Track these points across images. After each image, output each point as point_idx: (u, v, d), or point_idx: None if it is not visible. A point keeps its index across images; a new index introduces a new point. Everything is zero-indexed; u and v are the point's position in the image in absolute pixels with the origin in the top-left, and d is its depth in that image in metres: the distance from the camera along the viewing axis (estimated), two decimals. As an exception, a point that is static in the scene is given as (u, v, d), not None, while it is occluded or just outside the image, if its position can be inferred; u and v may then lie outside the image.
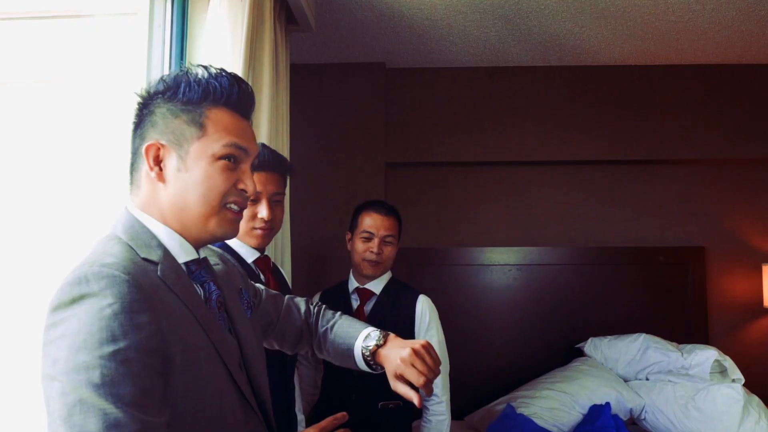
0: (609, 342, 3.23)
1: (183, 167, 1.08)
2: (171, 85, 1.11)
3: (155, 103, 1.11)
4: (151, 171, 1.08)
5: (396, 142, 3.61)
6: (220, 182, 1.10)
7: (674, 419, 2.75)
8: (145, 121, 1.11)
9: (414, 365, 1.26)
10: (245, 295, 1.30)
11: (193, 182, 1.08)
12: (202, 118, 1.10)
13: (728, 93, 3.58)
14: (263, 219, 1.87)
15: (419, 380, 1.25)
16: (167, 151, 1.09)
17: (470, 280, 3.62)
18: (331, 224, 3.37)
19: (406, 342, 1.32)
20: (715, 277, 3.62)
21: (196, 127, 1.09)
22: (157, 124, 1.09)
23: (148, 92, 1.13)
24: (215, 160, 1.09)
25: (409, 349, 1.28)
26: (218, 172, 1.10)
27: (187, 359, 1.00)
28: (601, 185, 3.71)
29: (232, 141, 1.11)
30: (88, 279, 0.93)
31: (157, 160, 1.09)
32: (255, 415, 1.15)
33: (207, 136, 1.09)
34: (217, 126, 1.10)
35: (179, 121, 1.09)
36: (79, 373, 0.87)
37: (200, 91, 1.10)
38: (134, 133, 1.13)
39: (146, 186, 1.11)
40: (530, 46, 3.37)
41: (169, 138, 1.09)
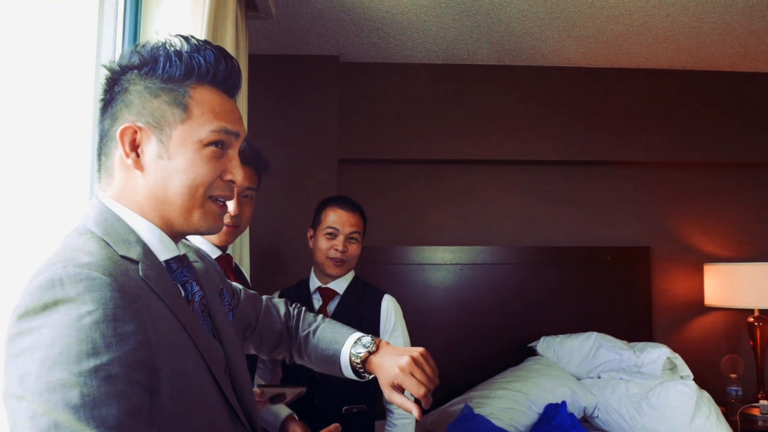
0: (561, 341, 3.26)
1: (165, 154, 0.96)
2: (148, 58, 0.98)
3: (129, 80, 0.98)
4: (127, 157, 0.96)
5: (349, 138, 3.53)
6: (206, 172, 0.98)
7: (627, 416, 2.79)
8: (117, 100, 0.98)
9: (413, 375, 1.18)
10: (226, 295, 1.20)
11: (176, 171, 0.96)
12: (185, 99, 0.98)
13: (674, 98, 3.68)
14: (230, 215, 1.75)
15: (419, 390, 1.17)
16: (146, 135, 0.96)
17: (421, 279, 3.58)
18: (284, 221, 3.25)
19: (402, 349, 1.25)
20: (660, 276, 3.72)
21: (180, 109, 0.97)
22: (133, 104, 0.97)
23: (120, 66, 0.99)
24: (202, 146, 0.98)
25: (408, 357, 1.20)
26: (205, 161, 0.98)
27: (175, 371, 0.89)
28: (551, 185, 3.74)
29: (221, 126, 0.99)
30: (63, 282, 0.80)
31: (134, 145, 0.96)
32: (243, 426, 1.05)
33: (192, 119, 0.97)
34: (203, 108, 0.99)
35: (159, 102, 0.97)
36: (54, 392, 0.75)
37: (183, 68, 0.98)
38: (103, 112, 1.00)
39: (120, 174, 0.98)
40: (487, 44, 3.36)
41: (148, 120, 0.96)
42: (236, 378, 1.08)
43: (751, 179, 3.80)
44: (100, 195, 1.00)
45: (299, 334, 1.41)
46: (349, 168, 3.61)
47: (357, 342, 1.31)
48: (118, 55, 1.90)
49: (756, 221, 3.78)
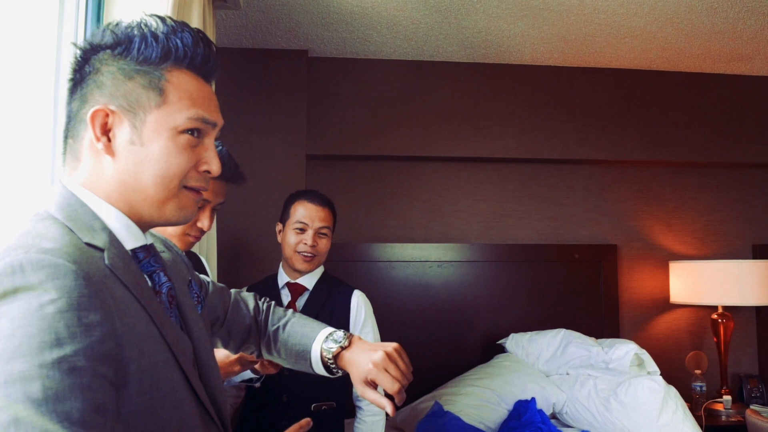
0: (530, 338, 3.26)
1: (137, 140, 0.91)
2: (122, 38, 0.92)
3: (101, 59, 0.92)
4: (98, 142, 0.90)
5: (317, 133, 3.49)
6: (180, 161, 0.93)
7: (596, 412, 2.79)
8: (87, 81, 0.92)
9: (387, 370, 1.15)
10: (194, 287, 1.14)
11: (149, 159, 0.91)
12: (161, 82, 0.92)
13: (641, 98, 3.72)
14: (202, 229, 1.69)
15: (393, 387, 1.13)
16: (118, 118, 0.91)
17: (389, 276, 3.55)
18: (250, 216, 3.19)
19: (375, 345, 1.21)
20: (626, 273, 3.76)
21: (155, 93, 0.92)
22: (105, 86, 0.91)
23: (91, 44, 0.94)
24: (177, 134, 0.93)
25: (382, 352, 1.17)
26: (180, 150, 0.93)
27: (143, 365, 0.84)
28: (520, 183, 3.75)
29: (198, 114, 0.94)
30: (24, 268, 0.75)
31: (105, 128, 0.91)
32: (214, 424, 1.00)
33: (168, 104, 0.92)
34: (180, 93, 0.93)
35: (133, 84, 0.91)
36: (13, 385, 0.69)
37: (159, 49, 0.92)
38: (73, 92, 0.94)
39: (89, 158, 0.93)
40: (458, 40, 3.35)
41: (121, 103, 0.91)
42: (205, 372, 1.03)
43: (714, 179, 3.87)
44: (63, 179, 0.95)
45: (268, 328, 1.36)
46: (317, 164, 3.56)
47: (328, 337, 1.27)
48: (80, 36, 1.86)
49: (720, 220, 3.85)
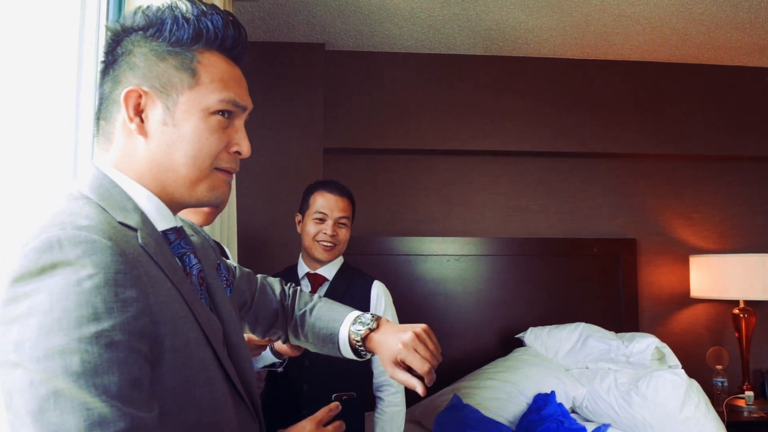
0: (549, 332, 3.24)
1: (170, 120, 0.91)
2: (154, 20, 0.93)
3: (134, 41, 0.93)
4: (131, 122, 0.91)
5: (334, 127, 3.48)
6: (212, 142, 0.94)
7: (616, 406, 2.77)
8: (119, 62, 0.93)
9: (417, 350, 1.14)
10: (223, 271, 1.14)
11: (181, 139, 0.92)
12: (194, 64, 0.93)
13: (661, 90, 3.69)
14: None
15: (423, 367, 1.13)
16: (151, 99, 0.91)
17: (407, 270, 3.54)
18: (269, 209, 3.19)
19: (404, 326, 1.21)
20: (646, 268, 3.72)
21: (188, 74, 0.92)
22: (138, 67, 0.91)
23: (123, 26, 0.94)
24: (209, 115, 0.93)
25: (411, 332, 1.16)
26: (211, 131, 0.93)
27: (177, 343, 0.84)
28: (539, 177, 3.73)
29: (229, 96, 0.95)
30: (62, 244, 0.75)
31: (138, 109, 0.91)
32: (244, 405, 1.00)
33: (200, 85, 0.93)
34: (212, 75, 0.94)
35: (166, 65, 0.92)
36: (53, 359, 0.70)
37: (191, 31, 0.93)
38: (105, 74, 0.95)
39: (121, 139, 0.93)
40: (475, 33, 3.33)
41: (154, 84, 0.91)
42: (236, 354, 1.03)
43: (736, 172, 3.82)
44: (96, 161, 0.95)
45: (295, 313, 1.36)
46: (334, 157, 3.56)
47: (356, 320, 1.26)
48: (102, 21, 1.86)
49: (741, 213, 3.81)
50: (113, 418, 0.70)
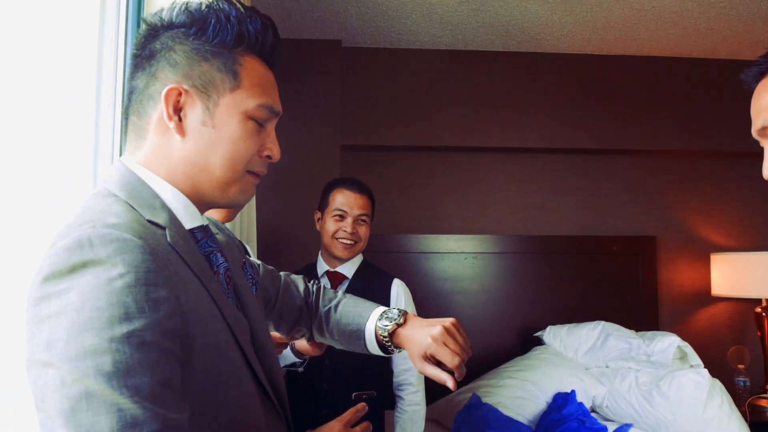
0: (568, 330, 3.21)
1: (209, 121, 0.90)
2: (198, 18, 0.91)
3: (174, 37, 0.91)
4: (169, 120, 0.89)
5: (352, 124, 3.47)
6: (248, 146, 0.93)
7: (637, 406, 2.73)
8: (158, 58, 0.91)
9: (447, 344, 1.13)
10: (248, 269, 1.13)
11: (219, 141, 0.91)
12: (236, 66, 0.92)
13: (681, 86, 3.64)
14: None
15: (453, 360, 1.12)
16: (190, 98, 0.90)
17: (424, 268, 3.52)
18: (287, 205, 3.18)
19: (432, 320, 1.19)
20: (666, 266, 3.68)
21: (230, 76, 0.91)
22: (179, 65, 0.90)
23: (163, 21, 0.92)
24: (246, 119, 0.93)
25: (440, 326, 1.15)
26: (248, 134, 0.93)
27: (206, 343, 0.83)
28: (557, 174, 3.69)
29: (267, 102, 0.95)
30: (93, 242, 0.74)
31: (176, 107, 0.90)
32: (272, 405, 0.99)
33: (241, 89, 0.92)
34: (252, 79, 0.93)
35: (208, 66, 0.91)
36: (84, 359, 0.69)
37: (234, 33, 0.91)
38: (139, 68, 0.93)
39: (155, 137, 0.92)
40: (493, 28, 3.30)
41: (195, 83, 0.90)
42: (263, 354, 1.01)
43: (757, 169, 3.72)
44: (123, 158, 0.94)
45: (320, 310, 1.35)
46: (351, 154, 3.54)
47: (382, 315, 1.25)
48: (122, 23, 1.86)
49: (762, 211, 3.75)
50: (145, 419, 0.69)
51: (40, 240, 1.43)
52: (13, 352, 1.37)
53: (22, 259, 1.39)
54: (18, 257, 1.39)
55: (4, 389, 1.35)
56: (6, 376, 1.36)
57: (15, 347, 1.37)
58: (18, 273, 1.35)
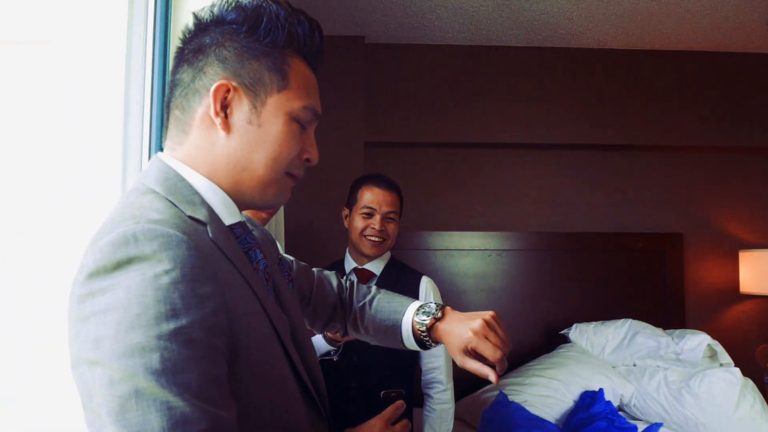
0: (594, 328, 3.17)
1: (255, 120, 0.89)
2: (251, 16, 0.90)
3: (225, 33, 0.90)
4: (216, 117, 0.88)
5: (375, 121, 3.45)
6: (292, 146, 0.92)
7: (666, 405, 2.70)
8: (207, 52, 0.90)
9: (488, 338, 1.11)
10: (284, 265, 1.12)
11: (264, 140, 0.90)
12: (285, 67, 0.91)
13: (707, 80, 3.58)
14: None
15: (495, 354, 1.10)
16: (238, 96, 0.89)
17: (448, 265, 3.51)
18: (311, 202, 3.18)
19: (470, 314, 1.18)
20: (693, 263, 3.63)
21: (279, 76, 0.90)
22: (229, 61, 0.89)
23: (212, 16, 0.91)
24: (290, 120, 0.92)
25: (481, 320, 1.13)
26: (292, 135, 0.92)
27: (251, 340, 0.82)
28: (582, 170, 3.66)
29: (312, 104, 0.94)
30: (137, 238, 0.73)
31: (223, 103, 0.88)
32: (315, 405, 0.97)
33: (289, 90, 0.91)
34: (299, 80, 0.93)
35: (258, 64, 0.90)
36: (133, 356, 0.68)
37: (285, 34, 0.90)
38: (185, 62, 0.92)
39: (199, 132, 0.90)
40: (518, 24, 3.27)
41: (244, 81, 0.89)
42: (303, 350, 1.00)
43: (787, 164, 3.70)
44: (161, 154, 0.94)
45: (354, 305, 1.33)
46: (375, 151, 3.53)
47: (419, 310, 1.24)
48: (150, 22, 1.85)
49: (792, 207, 3.69)
50: (195, 417, 0.68)
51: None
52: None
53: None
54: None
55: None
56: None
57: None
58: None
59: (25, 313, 1.39)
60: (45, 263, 1.46)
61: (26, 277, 1.44)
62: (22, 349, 1.39)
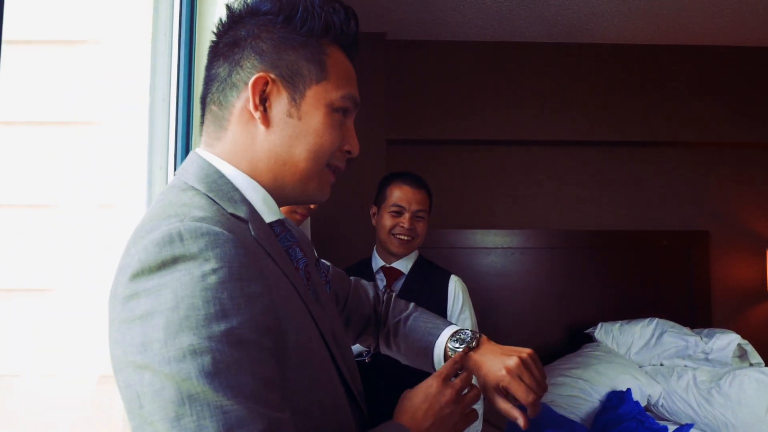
0: (620, 327, 3.13)
1: (295, 113, 0.86)
2: (286, 6, 0.87)
3: (260, 25, 0.87)
4: (255, 110, 0.85)
5: (397, 118, 3.42)
6: (333, 138, 0.89)
7: (695, 405, 2.66)
8: (243, 45, 0.87)
9: (522, 378, 1.03)
10: (322, 266, 1.10)
11: (304, 133, 0.87)
12: (323, 57, 0.88)
13: (733, 75, 3.53)
14: (309, 207, 1.67)
15: (528, 398, 1.02)
16: (276, 88, 0.86)
17: (471, 263, 3.47)
18: (333, 200, 3.15)
19: (507, 348, 1.11)
20: (718, 261, 3.58)
21: (317, 67, 0.87)
22: (266, 53, 0.86)
23: (247, 7, 0.88)
24: (331, 110, 0.88)
25: (517, 358, 1.05)
26: (333, 126, 0.89)
27: (299, 340, 0.79)
28: (605, 167, 3.61)
29: (351, 93, 0.91)
30: (183, 236, 0.70)
31: (262, 97, 0.85)
32: (357, 404, 0.95)
33: (328, 80, 0.88)
34: (337, 70, 0.89)
35: (296, 55, 0.86)
36: (184, 360, 0.65)
37: (321, 23, 0.87)
38: (220, 56, 0.89)
39: (237, 127, 0.87)
40: (542, 19, 3.23)
41: (282, 72, 0.86)
42: (343, 351, 0.97)
43: (815, 160, 3.64)
44: (199, 150, 0.91)
45: (389, 321, 1.29)
46: (397, 148, 3.50)
47: (455, 336, 1.18)
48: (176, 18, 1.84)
49: (820, 204, 3.62)
50: (250, 420, 0.66)
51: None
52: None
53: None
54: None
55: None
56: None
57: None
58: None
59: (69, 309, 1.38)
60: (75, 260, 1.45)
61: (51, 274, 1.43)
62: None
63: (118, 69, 1.66)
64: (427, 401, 0.96)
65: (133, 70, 1.72)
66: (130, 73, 1.71)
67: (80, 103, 1.57)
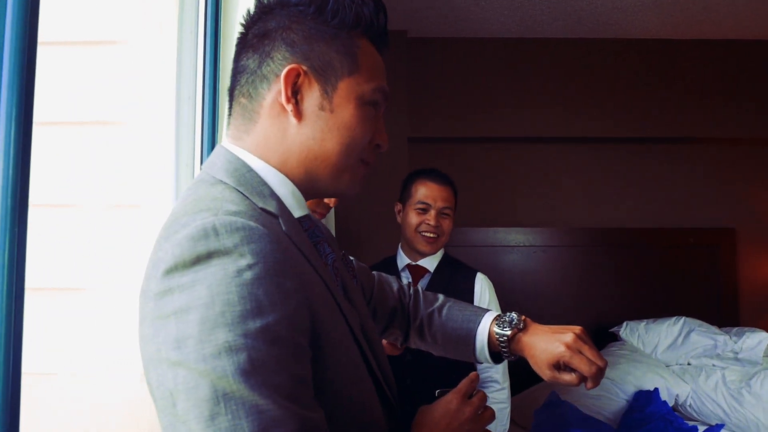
0: (646, 326, 3.09)
1: (327, 106, 0.84)
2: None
3: (291, 16, 0.85)
4: (287, 103, 0.83)
5: (419, 116, 3.41)
6: (365, 131, 0.87)
7: (725, 405, 2.62)
8: (273, 36, 0.85)
9: (582, 352, 1.05)
10: (348, 261, 1.08)
11: (337, 126, 0.85)
12: (354, 49, 0.86)
13: (760, 70, 3.47)
14: (328, 205, 1.67)
15: (591, 369, 1.03)
16: (308, 80, 0.84)
17: (492, 261, 3.45)
18: (355, 199, 3.15)
19: (557, 327, 1.11)
20: (746, 259, 3.52)
21: (349, 59, 0.85)
22: (297, 45, 0.84)
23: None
24: (362, 103, 0.86)
25: (572, 334, 1.07)
26: (365, 119, 0.87)
27: (332, 338, 0.77)
28: (630, 164, 3.57)
29: (381, 85, 0.88)
30: (218, 231, 0.69)
31: (294, 89, 0.83)
32: (388, 402, 0.93)
33: (359, 73, 0.86)
34: (368, 62, 0.87)
35: (328, 47, 0.84)
36: (219, 357, 0.64)
37: (353, 15, 0.85)
38: (249, 48, 0.87)
39: (267, 120, 0.85)
40: (564, 14, 3.19)
41: (314, 65, 0.84)
42: (375, 348, 0.95)
43: None
44: (226, 143, 0.89)
45: (421, 312, 1.28)
46: (419, 146, 3.48)
47: (498, 320, 1.17)
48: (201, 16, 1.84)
49: None
50: (285, 419, 0.65)
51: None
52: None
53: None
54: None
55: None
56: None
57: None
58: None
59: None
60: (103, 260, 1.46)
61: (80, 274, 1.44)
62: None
63: (145, 68, 1.67)
64: (447, 417, 0.94)
65: (160, 68, 1.72)
66: (156, 71, 1.72)
67: (108, 103, 1.58)
